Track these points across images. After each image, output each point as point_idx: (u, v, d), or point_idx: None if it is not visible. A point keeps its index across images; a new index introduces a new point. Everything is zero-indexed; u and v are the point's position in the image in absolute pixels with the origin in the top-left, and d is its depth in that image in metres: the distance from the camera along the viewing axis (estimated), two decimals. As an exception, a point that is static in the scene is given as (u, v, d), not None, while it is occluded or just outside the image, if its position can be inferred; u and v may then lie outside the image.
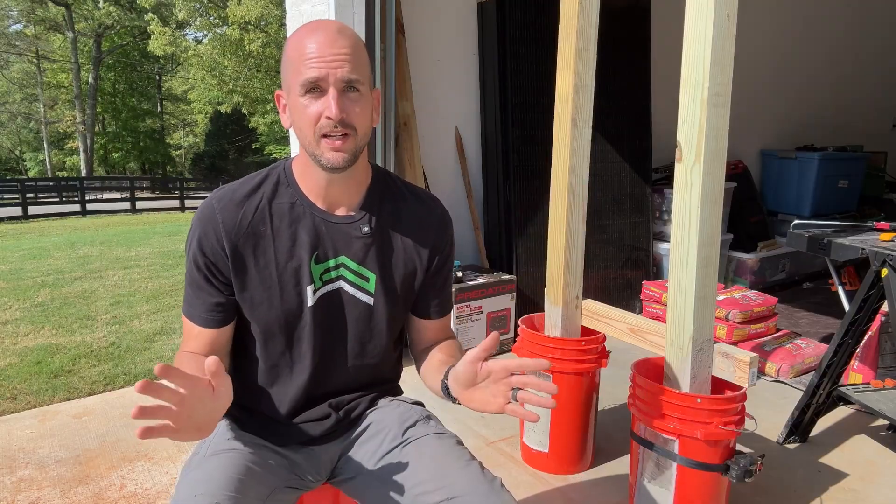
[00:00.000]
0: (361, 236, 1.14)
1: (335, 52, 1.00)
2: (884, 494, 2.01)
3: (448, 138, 3.41)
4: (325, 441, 1.22)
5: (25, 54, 27.16)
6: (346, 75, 1.01)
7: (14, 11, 26.18)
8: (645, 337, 1.93)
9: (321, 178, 1.10)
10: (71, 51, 25.73)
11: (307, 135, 1.04)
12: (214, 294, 1.11)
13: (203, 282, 1.10)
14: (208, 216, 1.09)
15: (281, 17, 20.14)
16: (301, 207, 1.12)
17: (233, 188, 1.12)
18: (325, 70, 0.99)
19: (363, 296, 1.16)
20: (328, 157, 1.03)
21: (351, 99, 1.02)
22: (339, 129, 1.01)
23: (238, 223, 1.09)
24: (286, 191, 1.13)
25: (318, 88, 1.01)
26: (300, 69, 1.01)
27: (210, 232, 1.08)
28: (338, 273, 1.14)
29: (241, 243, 1.09)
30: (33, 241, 9.00)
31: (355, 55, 1.02)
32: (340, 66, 1.00)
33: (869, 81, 5.57)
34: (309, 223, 1.12)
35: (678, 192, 1.61)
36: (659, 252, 3.93)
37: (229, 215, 1.09)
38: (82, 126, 25.83)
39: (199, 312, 1.11)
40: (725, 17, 1.51)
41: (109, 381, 3.01)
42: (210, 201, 1.11)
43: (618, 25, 3.55)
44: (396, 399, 1.29)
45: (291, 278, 1.11)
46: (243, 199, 1.11)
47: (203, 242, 1.08)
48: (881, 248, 2.06)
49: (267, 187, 1.13)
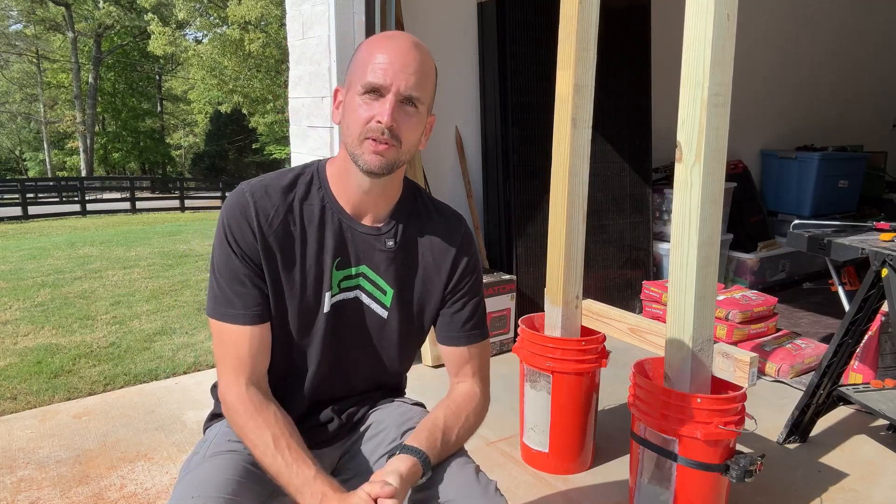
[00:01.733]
0: (385, 250, 1.13)
1: (404, 65, 1.01)
2: (884, 494, 2.01)
3: (448, 138, 3.41)
4: (327, 444, 1.22)
5: (25, 54, 27.15)
6: (408, 89, 1.02)
7: (14, 11, 26.18)
8: (645, 337, 1.93)
9: (355, 183, 1.09)
10: (71, 51, 25.72)
11: (353, 133, 1.04)
12: (257, 284, 1.06)
13: (246, 270, 1.06)
14: (242, 206, 1.07)
15: (281, 17, 20.13)
16: (330, 212, 1.11)
17: (265, 182, 1.10)
18: (390, 79, 1.01)
19: (378, 308, 1.16)
20: (367, 158, 1.03)
21: (406, 112, 1.03)
22: (386, 136, 1.02)
23: (271, 217, 1.07)
24: (317, 193, 1.12)
25: (377, 93, 1.02)
26: (366, 71, 1.02)
27: (244, 222, 1.06)
28: (357, 282, 1.14)
29: (271, 237, 1.07)
30: (33, 241, 9.00)
31: (423, 74, 1.04)
32: (405, 80, 1.01)
33: (869, 81, 5.57)
34: (336, 228, 1.11)
35: (678, 192, 1.61)
36: (659, 252, 3.93)
37: (262, 208, 1.07)
38: (82, 126, 25.82)
39: (240, 310, 1.06)
40: (725, 17, 1.51)
41: (109, 381, 3.01)
42: (242, 192, 1.08)
43: (618, 25, 3.55)
44: (397, 399, 1.29)
45: (314, 282, 1.10)
46: (276, 195, 1.09)
47: (236, 232, 1.06)
48: (881, 248, 2.06)
49: (300, 187, 1.11)
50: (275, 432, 1.02)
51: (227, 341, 1.07)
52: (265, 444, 1.02)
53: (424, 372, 2.98)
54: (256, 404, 1.05)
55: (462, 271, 1.18)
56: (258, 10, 20.55)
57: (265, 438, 1.02)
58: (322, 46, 2.71)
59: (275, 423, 1.04)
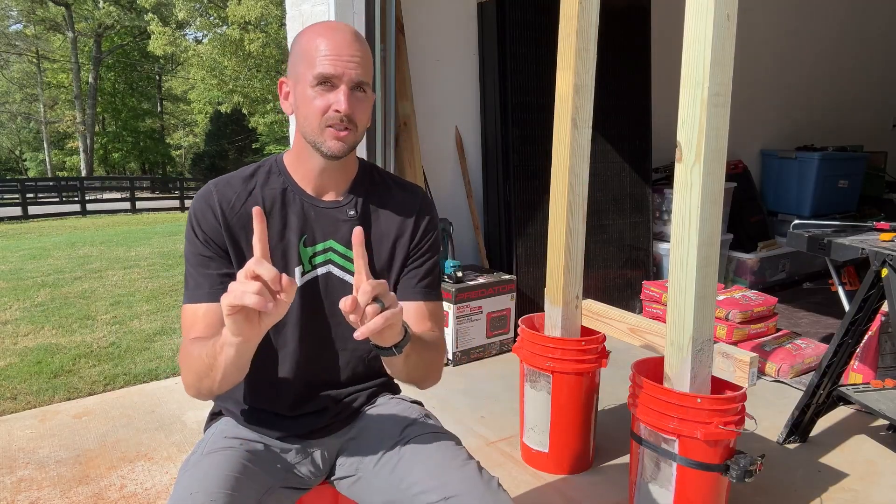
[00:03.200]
0: (348, 219, 1.18)
1: (352, 54, 1.08)
2: (884, 494, 2.01)
3: (448, 138, 3.41)
4: (323, 435, 1.22)
5: (25, 54, 27.14)
6: (358, 77, 1.09)
7: (14, 11, 26.16)
8: (645, 337, 1.93)
9: (315, 165, 1.16)
10: (71, 51, 25.71)
11: (312, 123, 1.10)
12: (222, 265, 1.13)
13: (209, 252, 1.13)
14: (205, 196, 1.15)
15: (281, 17, 20.14)
16: (292, 193, 1.18)
17: (229, 175, 1.20)
18: (341, 69, 1.07)
19: (351, 278, 1.18)
20: (330, 144, 1.10)
21: (357, 98, 1.10)
22: (344, 123, 1.09)
23: (233, 203, 1.15)
24: (277, 178, 1.19)
25: (329, 83, 1.08)
26: (315, 63, 1.08)
27: (207, 210, 1.13)
28: (327, 257, 1.18)
29: (234, 222, 1.14)
30: (33, 241, 9.00)
31: (366, 60, 1.11)
32: (354, 68, 1.08)
33: (869, 81, 5.57)
34: (298, 208, 1.17)
35: (678, 192, 1.61)
36: (659, 252, 3.93)
37: (224, 196, 1.15)
38: (82, 126, 25.81)
39: (206, 290, 1.11)
40: (725, 17, 1.51)
41: (109, 381, 3.01)
42: (207, 185, 1.18)
43: (618, 25, 3.55)
44: (396, 397, 1.30)
45: (280, 260, 1.15)
46: (238, 184, 1.17)
47: (200, 219, 1.13)
48: (881, 248, 2.06)
49: (260, 177, 1.19)
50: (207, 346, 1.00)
51: (194, 320, 1.10)
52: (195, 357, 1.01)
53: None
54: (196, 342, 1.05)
55: (423, 230, 1.24)
56: (258, 10, 20.55)
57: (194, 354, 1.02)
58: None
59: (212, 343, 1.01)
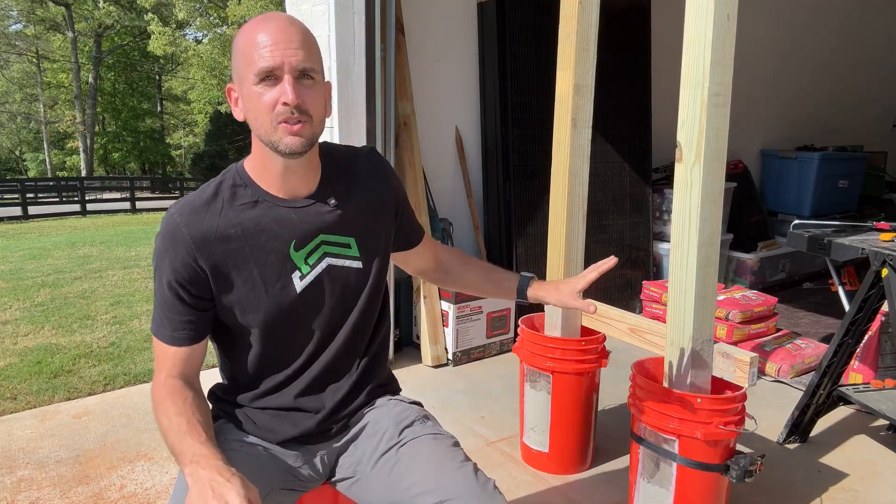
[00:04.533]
0: (331, 209, 1.15)
1: (288, 41, 1.01)
2: (884, 494, 2.01)
3: (448, 138, 3.41)
4: (323, 439, 1.22)
5: (25, 54, 27.12)
6: (301, 63, 1.01)
7: (14, 11, 26.14)
8: (645, 337, 1.93)
9: (279, 168, 1.09)
10: (71, 51, 25.70)
11: (263, 123, 1.03)
12: (185, 312, 1.10)
13: (174, 300, 1.09)
14: (173, 233, 1.07)
15: (281, 17, 20.13)
16: (265, 203, 1.11)
17: (190, 199, 1.10)
18: (280, 58, 1.00)
19: (351, 262, 1.17)
20: (286, 141, 1.03)
21: (305, 86, 1.03)
22: (296, 115, 1.02)
23: (205, 233, 1.07)
24: (245, 192, 1.11)
25: (272, 76, 1.01)
26: (254, 59, 1.01)
27: (181, 249, 1.06)
28: (321, 251, 1.15)
29: (214, 253, 1.08)
30: (33, 241, 8.99)
31: (308, 45, 1.04)
32: (294, 55, 1.01)
33: (869, 81, 5.57)
34: (276, 215, 1.11)
35: (678, 192, 1.61)
36: (659, 252, 3.93)
37: (195, 227, 1.07)
38: (82, 126, 25.80)
39: (168, 332, 1.11)
40: (725, 17, 1.51)
41: (109, 381, 3.01)
42: (171, 217, 1.08)
43: (618, 25, 3.54)
44: (395, 398, 1.29)
45: (274, 273, 1.11)
46: (203, 208, 1.09)
47: (175, 262, 1.07)
48: (881, 248, 2.06)
49: (225, 192, 1.11)
50: (180, 409, 1.03)
51: (163, 355, 1.13)
52: (168, 418, 1.03)
53: (424, 372, 2.98)
54: (171, 388, 1.09)
55: (397, 191, 1.28)
56: (258, 10, 20.56)
57: (169, 412, 1.03)
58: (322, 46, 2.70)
59: (183, 403, 1.05)
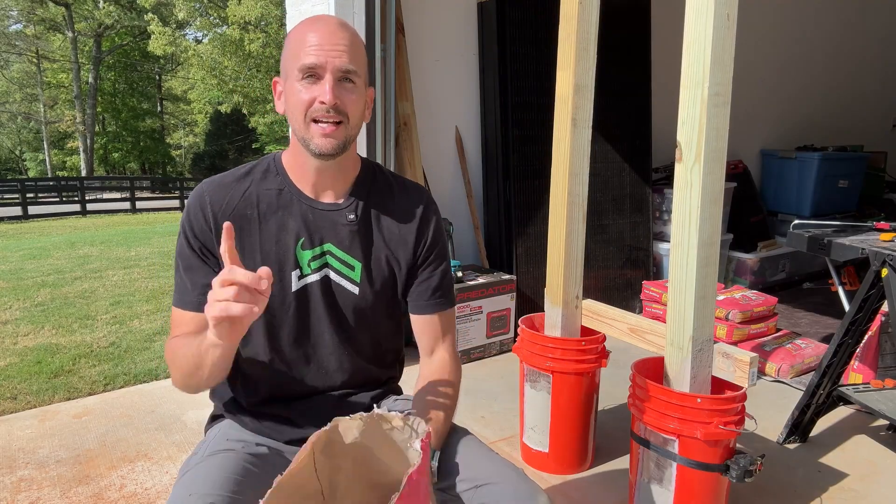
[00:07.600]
0: (347, 223, 1.14)
1: (335, 43, 1.04)
2: (884, 494, 2.01)
3: (448, 138, 3.41)
4: None
5: (25, 54, 27.12)
6: (344, 65, 1.04)
7: (14, 11, 26.16)
8: (645, 337, 1.93)
9: (311, 165, 1.11)
10: (71, 51, 25.70)
11: (298, 118, 1.06)
12: (209, 274, 1.07)
13: (196, 261, 1.10)
14: (197, 197, 1.11)
15: (281, 17, 20.12)
16: (289, 195, 1.13)
17: (223, 175, 1.15)
18: (324, 58, 1.03)
19: (349, 284, 1.16)
20: (318, 142, 1.05)
21: (346, 88, 1.05)
22: (332, 114, 1.04)
23: (225, 204, 1.11)
24: (275, 178, 1.15)
25: (314, 75, 1.04)
26: (299, 55, 1.04)
27: (199, 212, 1.10)
28: (324, 261, 1.14)
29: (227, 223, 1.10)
30: (33, 241, 9.00)
31: (354, 48, 1.06)
32: (339, 56, 1.03)
33: (869, 81, 5.57)
34: (296, 210, 1.13)
35: (678, 192, 1.61)
36: (659, 252, 3.93)
37: (217, 197, 1.11)
38: (82, 126, 25.81)
39: (192, 297, 1.09)
40: (725, 17, 1.51)
41: (109, 381, 3.01)
42: (200, 186, 1.14)
43: (618, 25, 3.55)
44: (400, 399, 1.29)
45: (275, 264, 1.11)
46: (232, 183, 1.13)
47: (193, 222, 1.10)
48: (881, 248, 2.06)
49: (256, 174, 1.15)
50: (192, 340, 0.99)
51: (182, 322, 1.10)
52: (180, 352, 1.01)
53: (424, 372, 2.98)
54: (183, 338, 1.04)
55: (429, 239, 1.20)
56: (258, 10, 20.54)
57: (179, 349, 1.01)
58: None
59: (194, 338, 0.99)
